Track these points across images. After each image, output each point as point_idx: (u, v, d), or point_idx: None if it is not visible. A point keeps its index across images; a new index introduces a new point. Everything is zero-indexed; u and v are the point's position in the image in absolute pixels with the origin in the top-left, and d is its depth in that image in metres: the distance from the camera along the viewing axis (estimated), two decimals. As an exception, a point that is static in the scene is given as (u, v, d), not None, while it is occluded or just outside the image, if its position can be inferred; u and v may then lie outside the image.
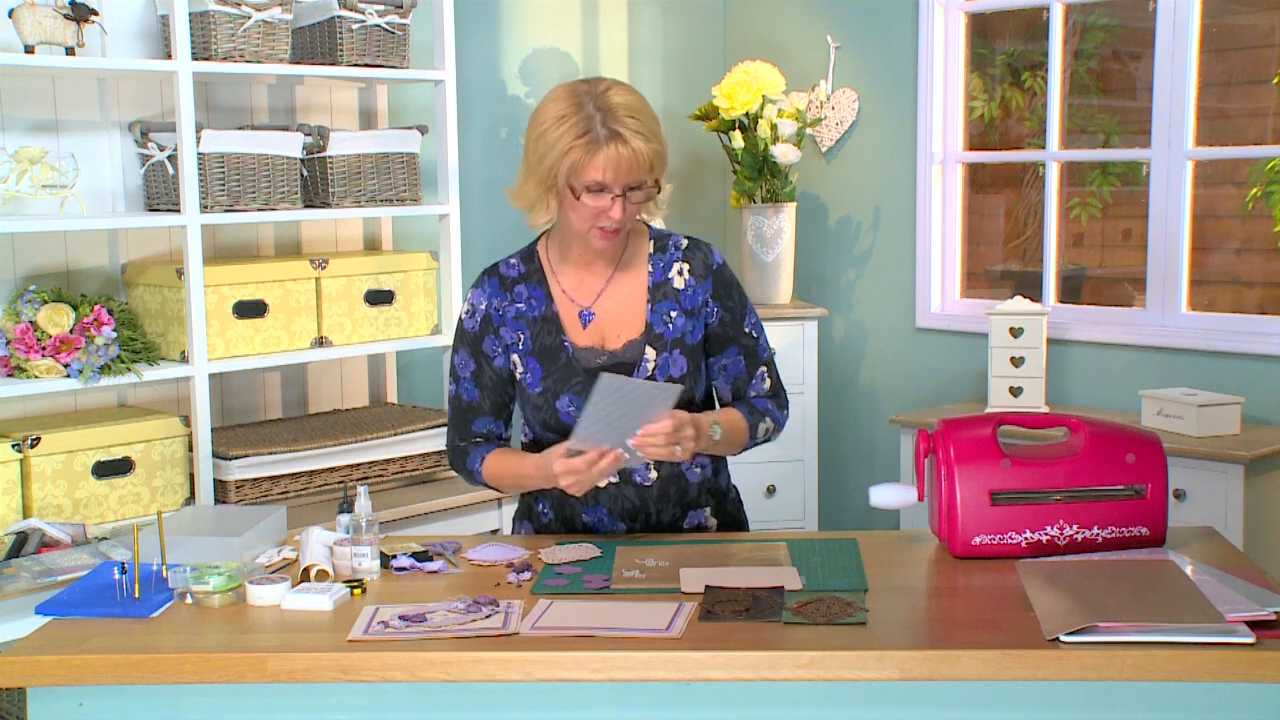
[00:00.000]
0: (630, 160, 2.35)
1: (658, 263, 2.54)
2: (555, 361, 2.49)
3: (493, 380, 2.55)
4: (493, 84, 4.49)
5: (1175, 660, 1.86)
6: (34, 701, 2.00)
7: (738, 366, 2.56)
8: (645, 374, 2.47)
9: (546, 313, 2.52)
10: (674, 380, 2.47)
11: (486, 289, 2.56)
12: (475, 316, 2.55)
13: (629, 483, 2.51)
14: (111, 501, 3.30)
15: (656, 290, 2.52)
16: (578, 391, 2.46)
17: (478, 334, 2.54)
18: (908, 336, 4.77)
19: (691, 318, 2.51)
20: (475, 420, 2.57)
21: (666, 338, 2.50)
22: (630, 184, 2.37)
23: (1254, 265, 5.01)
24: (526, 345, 2.51)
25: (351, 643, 1.97)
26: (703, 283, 2.53)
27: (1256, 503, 3.67)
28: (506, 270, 2.58)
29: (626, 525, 2.53)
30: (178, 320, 3.41)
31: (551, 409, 2.48)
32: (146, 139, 3.44)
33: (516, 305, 2.53)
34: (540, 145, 2.40)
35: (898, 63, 4.70)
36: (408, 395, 4.22)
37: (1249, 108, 5.06)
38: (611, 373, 2.36)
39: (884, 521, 4.40)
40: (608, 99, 2.37)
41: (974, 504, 2.30)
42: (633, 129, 2.35)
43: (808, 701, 1.94)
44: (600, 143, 2.34)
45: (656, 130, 2.41)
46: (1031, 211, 5.10)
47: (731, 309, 2.55)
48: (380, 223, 4.09)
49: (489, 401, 2.56)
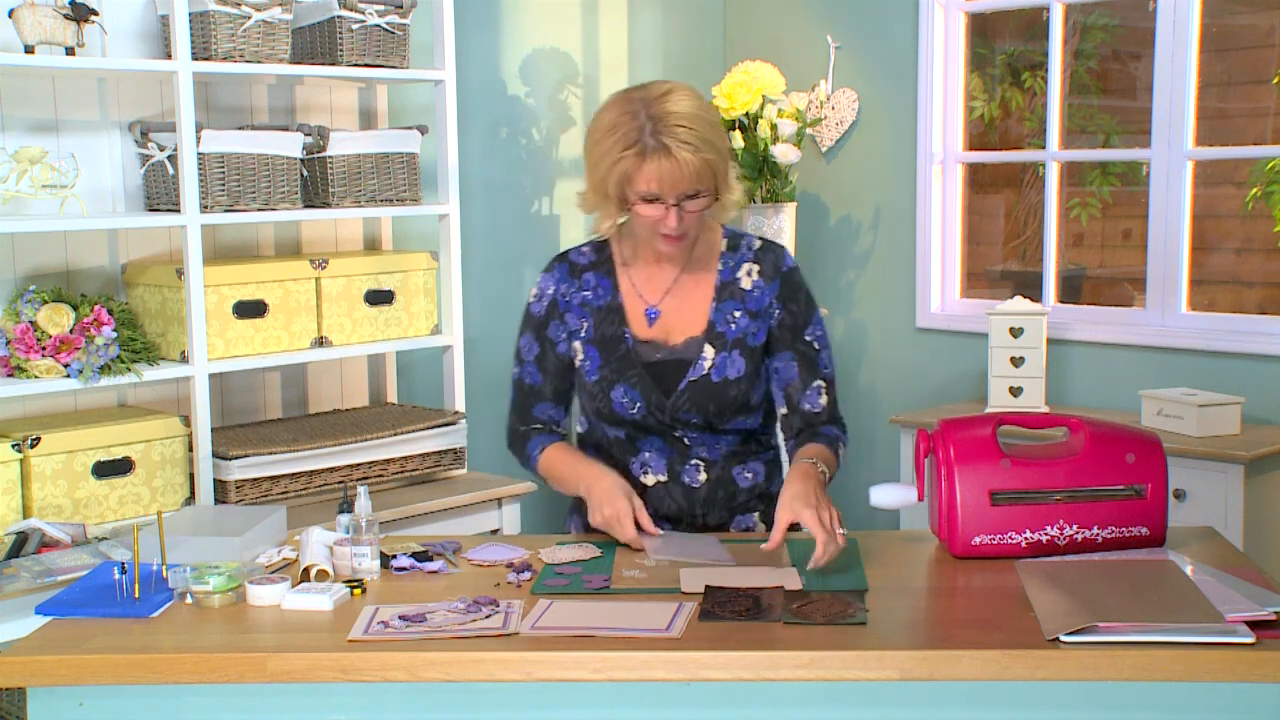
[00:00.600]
0: (677, 172, 2.32)
1: (728, 262, 2.52)
2: (615, 351, 2.49)
3: (555, 365, 2.55)
4: (493, 84, 4.49)
5: (1175, 660, 1.86)
6: (34, 701, 2.00)
7: (790, 371, 2.51)
8: (701, 371, 2.47)
9: (612, 303, 2.52)
10: (729, 381, 2.46)
11: (556, 274, 2.56)
12: (542, 301, 2.56)
13: (677, 482, 2.51)
14: (111, 501, 3.30)
15: (723, 289, 2.51)
16: (633, 384, 2.46)
17: (543, 318, 2.55)
18: (908, 336, 4.77)
19: (756, 319, 2.50)
20: (536, 405, 2.58)
21: (728, 337, 2.48)
22: (683, 194, 2.35)
23: (1254, 265, 5.01)
24: (589, 333, 2.51)
25: (351, 643, 1.97)
26: (771, 284, 2.51)
27: (1256, 503, 3.67)
28: (577, 257, 2.57)
29: (672, 526, 2.51)
30: (178, 320, 3.41)
31: (606, 398, 2.48)
32: (146, 139, 3.44)
33: (583, 293, 2.53)
34: (594, 154, 2.39)
35: (898, 63, 4.70)
36: (408, 395, 4.22)
37: (1249, 108, 5.06)
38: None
39: (884, 521, 4.40)
40: (662, 107, 2.33)
41: (974, 504, 2.30)
42: (682, 139, 2.31)
43: (808, 701, 1.94)
44: (647, 154, 2.31)
45: (712, 138, 2.36)
46: (1031, 211, 5.10)
47: (795, 313, 2.52)
48: (380, 223, 4.08)
49: (550, 387, 2.56)
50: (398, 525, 3.43)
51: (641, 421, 2.48)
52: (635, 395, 2.46)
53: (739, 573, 2.23)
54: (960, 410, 4.34)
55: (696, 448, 2.51)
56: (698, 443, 2.50)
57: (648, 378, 2.47)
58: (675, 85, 2.40)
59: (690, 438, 2.50)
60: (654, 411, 2.47)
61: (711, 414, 2.47)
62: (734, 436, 2.52)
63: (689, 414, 2.47)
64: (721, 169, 2.38)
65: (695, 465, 2.51)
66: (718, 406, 2.47)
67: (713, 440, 2.51)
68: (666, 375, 2.48)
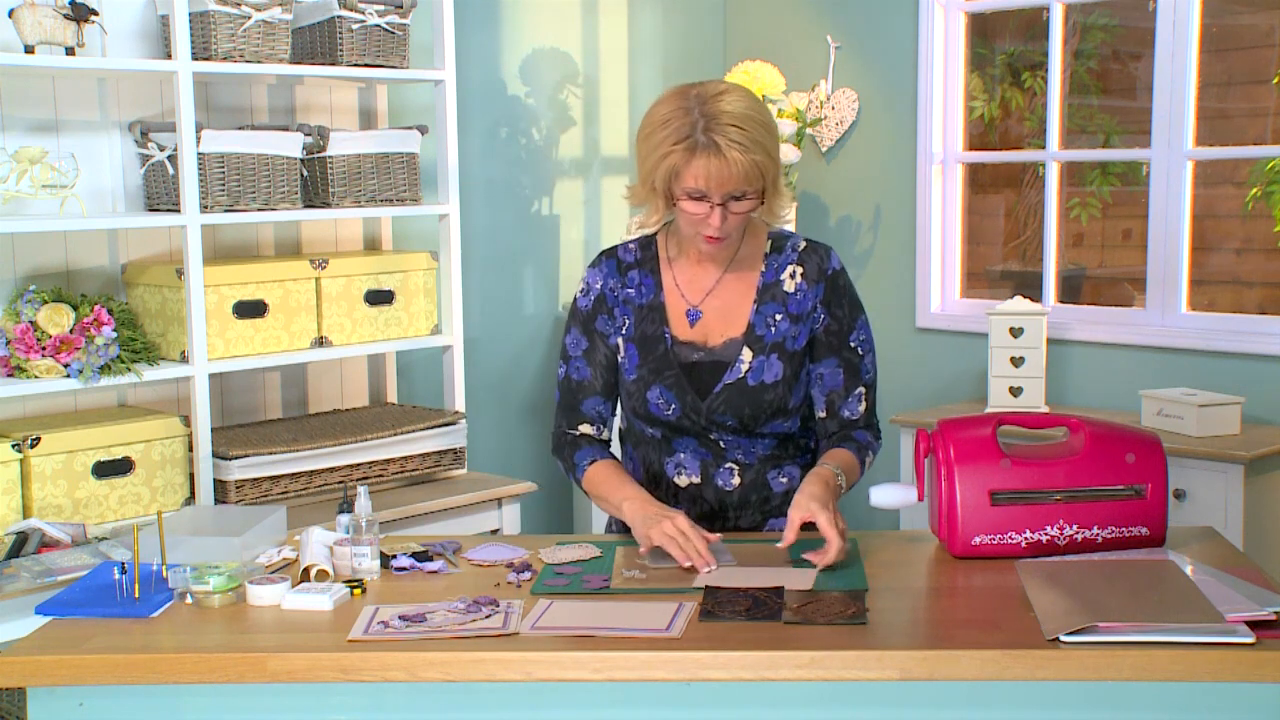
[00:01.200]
0: (724, 171, 2.30)
1: (772, 263, 2.50)
2: (653, 351, 2.48)
3: (605, 358, 2.53)
4: (493, 84, 4.49)
5: (1175, 660, 1.86)
6: (34, 701, 2.00)
7: (835, 379, 2.49)
8: (738, 375, 2.45)
9: (654, 301, 2.51)
10: (765, 385, 2.44)
11: (604, 269, 2.55)
12: (590, 295, 2.54)
13: (710, 484, 2.50)
14: (111, 501, 3.30)
15: (765, 291, 2.49)
16: (669, 385, 2.45)
17: (591, 312, 2.54)
18: (908, 336, 4.77)
19: (797, 323, 2.48)
20: (585, 400, 2.54)
21: (767, 341, 2.46)
22: (729, 194, 2.33)
23: (1254, 265, 5.01)
24: (630, 330, 2.50)
25: (351, 643, 1.97)
26: (814, 287, 2.48)
27: (1256, 503, 3.67)
28: (624, 254, 2.56)
29: (707, 527, 2.46)
30: (178, 320, 3.41)
31: (642, 398, 2.47)
32: (146, 139, 3.44)
33: (628, 290, 2.52)
34: (645, 146, 2.38)
35: (898, 63, 4.70)
36: (408, 395, 4.22)
37: (1249, 108, 5.06)
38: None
39: (884, 521, 4.40)
40: (716, 105, 2.32)
41: (974, 504, 2.29)
42: (733, 138, 2.29)
43: (808, 701, 1.94)
44: (696, 150, 2.30)
45: (764, 140, 2.33)
46: (1031, 211, 5.10)
47: (840, 318, 2.49)
48: (380, 223, 4.08)
49: (600, 380, 2.54)
50: (398, 525, 3.43)
51: (677, 423, 2.47)
52: (670, 397, 2.45)
53: (743, 573, 2.23)
54: (960, 410, 4.34)
55: (732, 450, 2.49)
56: (733, 445, 2.49)
57: (684, 379, 2.45)
58: (731, 86, 2.38)
59: (726, 440, 2.48)
60: (689, 414, 2.46)
61: (747, 417, 2.45)
62: (770, 440, 2.50)
63: (724, 417, 2.45)
64: (771, 172, 2.36)
65: (730, 468, 2.49)
66: (753, 410, 2.45)
67: (748, 444, 2.49)
68: (703, 377, 2.46)
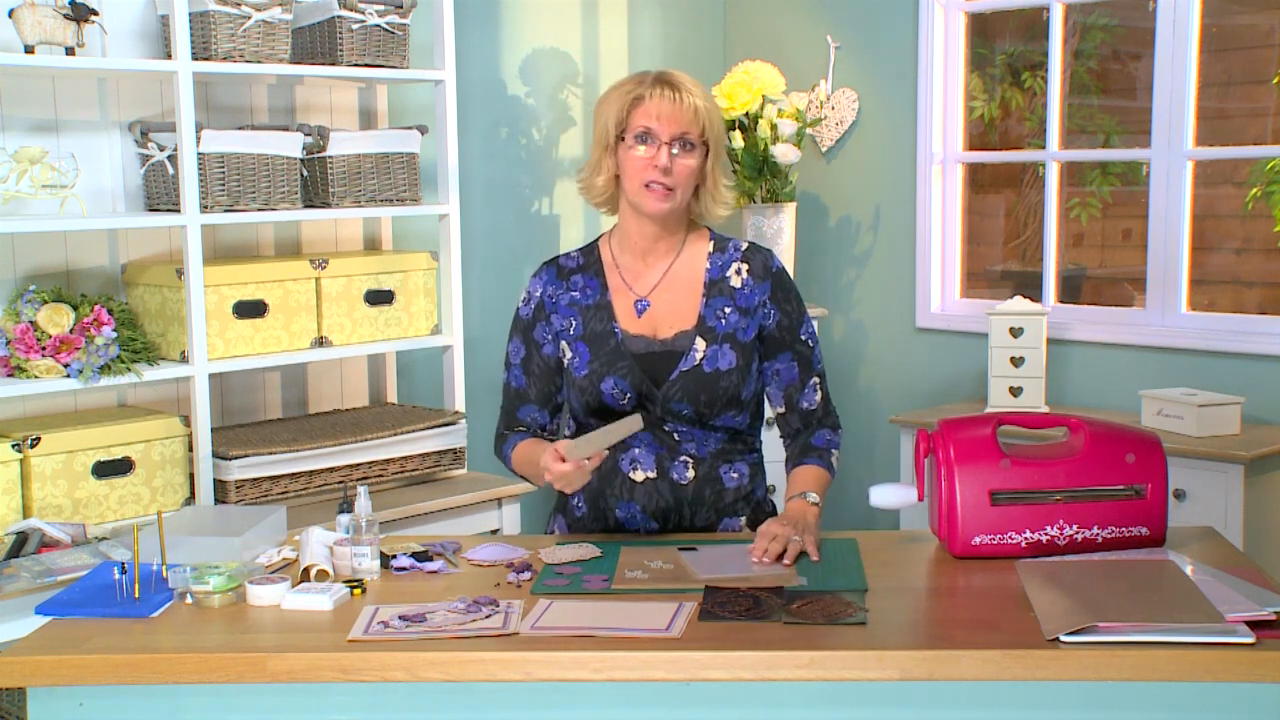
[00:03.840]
0: (675, 107, 2.43)
1: (716, 261, 2.57)
2: (604, 346, 2.52)
3: (540, 368, 2.59)
4: (493, 84, 4.49)
5: (1175, 660, 1.86)
6: (34, 701, 2.00)
7: (791, 373, 2.57)
8: (693, 362, 2.49)
9: (600, 301, 2.56)
10: (720, 373, 2.49)
11: (544, 277, 2.61)
12: (530, 304, 2.61)
13: (665, 478, 2.51)
14: (111, 501, 3.30)
15: (712, 286, 2.55)
16: (623, 374, 2.49)
17: (530, 320, 2.60)
18: (908, 336, 4.77)
19: (746, 315, 2.54)
20: (521, 408, 2.62)
21: (718, 331, 2.52)
22: (677, 134, 2.44)
23: (1254, 265, 5.01)
24: (578, 330, 2.55)
25: (351, 643, 1.97)
26: (761, 283, 2.55)
27: (1256, 503, 3.67)
28: (565, 261, 2.63)
29: (659, 524, 2.53)
30: (178, 320, 3.41)
31: (595, 390, 2.51)
32: (146, 139, 3.44)
33: (571, 293, 2.58)
34: (600, 110, 2.53)
35: (898, 63, 4.70)
36: (408, 395, 4.22)
37: (1249, 108, 5.06)
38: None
39: (884, 521, 4.40)
40: (667, 70, 2.51)
41: (974, 504, 2.30)
42: (684, 85, 2.46)
43: (808, 701, 1.94)
44: (649, 93, 2.45)
45: (712, 109, 2.49)
46: (1031, 211, 5.10)
47: (789, 314, 2.57)
48: (380, 223, 4.08)
49: (535, 389, 2.60)
50: (398, 525, 3.43)
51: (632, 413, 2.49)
52: (625, 386, 2.49)
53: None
54: (960, 410, 4.34)
55: (685, 443, 2.52)
56: (687, 438, 2.52)
57: (637, 369, 2.50)
58: None
59: (680, 432, 2.51)
60: (644, 402, 2.50)
61: (702, 405, 2.49)
62: (722, 434, 2.54)
63: (679, 404, 2.49)
64: (715, 132, 2.49)
65: (684, 461, 2.52)
66: (709, 397, 2.49)
67: (702, 436, 2.53)
68: (657, 366, 2.51)
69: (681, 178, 2.46)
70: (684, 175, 2.46)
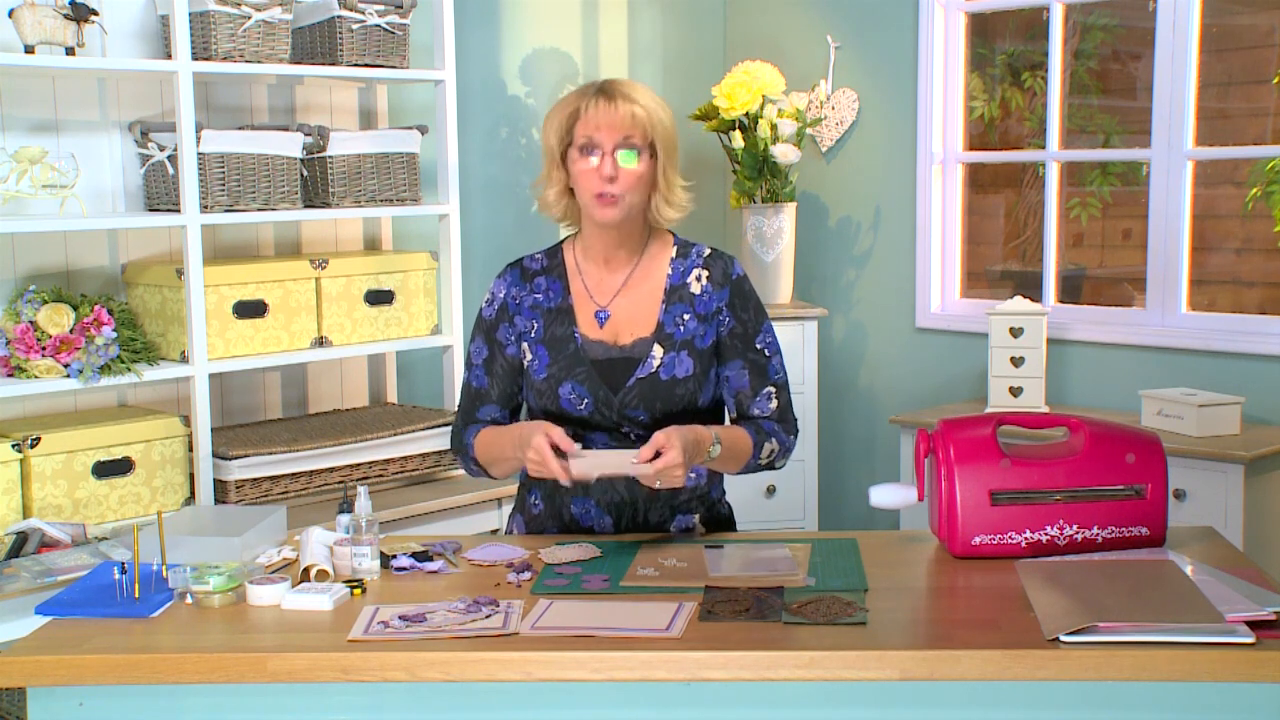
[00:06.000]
0: (613, 115, 2.43)
1: (677, 267, 2.57)
2: (564, 351, 2.53)
3: (503, 369, 2.59)
4: (493, 84, 4.49)
5: (1175, 660, 1.86)
6: (34, 701, 2.00)
7: (741, 380, 2.56)
8: (650, 370, 2.50)
9: (562, 305, 2.56)
10: (677, 380, 2.49)
11: (508, 279, 2.62)
12: (493, 305, 2.61)
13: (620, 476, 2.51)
14: (111, 501, 3.30)
15: (672, 293, 2.55)
16: (580, 380, 2.50)
17: (494, 321, 2.60)
18: (908, 336, 4.77)
19: (704, 322, 2.54)
20: (481, 407, 2.61)
21: (676, 338, 2.52)
22: (619, 141, 2.44)
23: (1254, 265, 5.01)
24: (539, 333, 2.55)
25: (351, 643, 1.97)
26: (720, 290, 2.55)
27: (1256, 503, 3.67)
28: (530, 264, 2.63)
29: (614, 519, 2.54)
30: (178, 320, 3.41)
31: (553, 394, 2.51)
32: (146, 139, 3.44)
33: (535, 295, 2.58)
34: (545, 126, 2.53)
35: (898, 63, 4.70)
36: (408, 395, 4.22)
37: (1249, 108, 5.06)
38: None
39: (884, 521, 4.40)
40: (612, 79, 2.51)
41: (974, 504, 2.30)
42: (624, 92, 2.46)
43: (808, 701, 1.94)
44: (589, 103, 2.45)
45: (654, 105, 2.49)
46: (1031, 211, 5.10)
47: (745, 321, 2.56)
48: (380, 223, 4.09)
49: (497, 389, 2.60)
50: (398, 525, 3.43)
51: (589, 418, 2.51)
52: (583, 391, 2.50)
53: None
54: (960, 410, 4.34)
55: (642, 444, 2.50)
56: (644, 440, 2.50)
57: (595, 375, 2.50)
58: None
59: (637, 435, 2.51)
60: (601, 408, 2.50)
61: (659, 411, 2.49)
62: None
63: (636, 411, 2.49)
64: (661, 134, 2.48)
65: None
66: (665, 404, 2.49)
67: None
68: (614, 373, 2.51)
69: (627, 184, 2.45)
70: (630, 182, 2.45)
